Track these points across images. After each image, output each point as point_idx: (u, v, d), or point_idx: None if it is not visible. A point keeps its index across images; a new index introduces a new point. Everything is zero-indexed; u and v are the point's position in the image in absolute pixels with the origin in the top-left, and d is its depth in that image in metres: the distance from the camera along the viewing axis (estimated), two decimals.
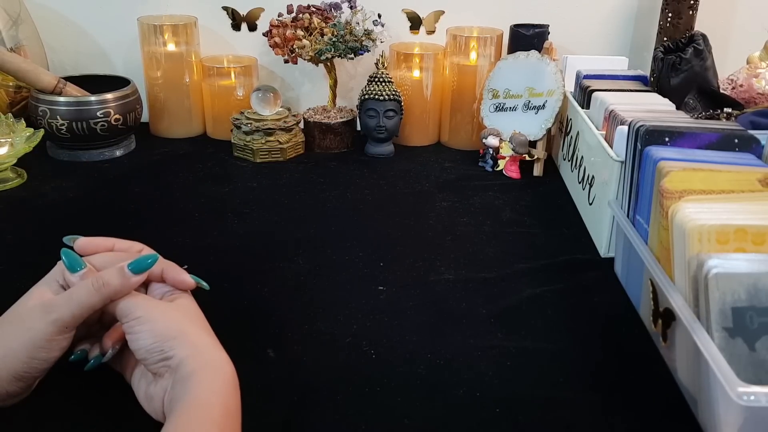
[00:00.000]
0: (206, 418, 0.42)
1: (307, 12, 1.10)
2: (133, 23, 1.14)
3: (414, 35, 1.23)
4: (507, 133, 1.05)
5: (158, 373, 0.46)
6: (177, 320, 0.48)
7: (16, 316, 0.48)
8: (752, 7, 1.21)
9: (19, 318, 0.48)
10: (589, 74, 1.02)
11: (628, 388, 0.57)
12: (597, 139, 0.84)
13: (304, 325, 0.64)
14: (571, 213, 0.92)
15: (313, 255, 0.78)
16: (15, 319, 0.48)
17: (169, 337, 0.46)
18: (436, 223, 0.87)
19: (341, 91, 1.20)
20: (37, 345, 0.46)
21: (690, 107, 0.94)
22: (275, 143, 1.06)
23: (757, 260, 0.50)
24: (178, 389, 0.44)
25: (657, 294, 0.60)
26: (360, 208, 0.91)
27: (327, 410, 0.53)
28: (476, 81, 1.13)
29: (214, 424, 0.42)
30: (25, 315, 0.47)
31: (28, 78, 1.01)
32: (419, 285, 0.72)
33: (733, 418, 0.47)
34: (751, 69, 1.00)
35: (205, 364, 0.45)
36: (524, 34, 1.13)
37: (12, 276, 0.71)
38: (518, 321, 0.66)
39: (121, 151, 1.07)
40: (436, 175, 1.04)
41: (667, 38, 1.09)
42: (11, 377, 0.46)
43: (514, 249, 0.81)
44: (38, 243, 0.78)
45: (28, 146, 0.93)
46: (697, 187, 0.58)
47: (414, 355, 0.60)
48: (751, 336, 0.48)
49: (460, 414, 0.53)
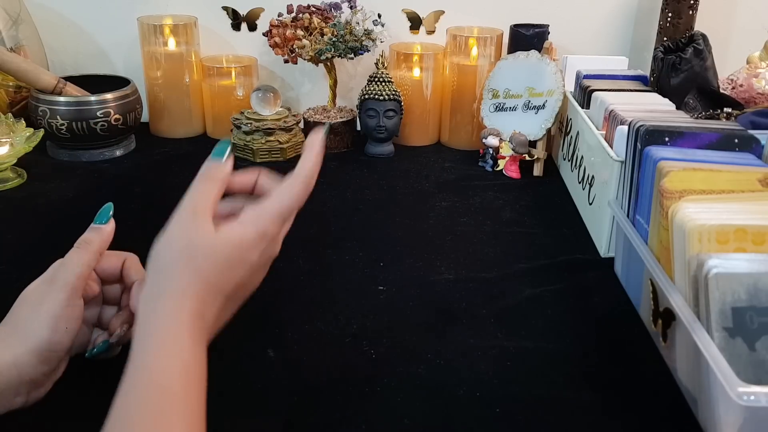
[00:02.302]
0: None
1: (307, 12, 1.10)
2: (133, 23, 1.14)
3: (414, 35, 1.23)
4: (507, 133, 1.05)
5: None
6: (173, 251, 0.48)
7: (28, 297, 0.49)
8: (752, 7, 1.21)
9: (32, 297, 0.49)
10: (589, 74, 1.02)
11: (628, 388, 0.57)
12: (597, 139, 0.84)
13: (304, 325, 0.64)
14: (571, 213, 0.92)
15: (313, 255, 0.78)
16: (27, 300, 0.49)
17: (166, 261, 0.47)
18: (436, 223, 0.87)
19: (341, 91, 1.20)
20: (54, 315, 0.47)
21: (690, 107, 0.94)
22: (275, 143, 1.06)
23: (757, 260, 0.50)
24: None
25: (657, 294, 0.60)
26: (360, 208, 0.91)
27: (327, 410, 0.53)
28: (476, 81, 1.13)
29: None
30: (36, 293, 0.49)
31: (28, 78, 1.00)
32: (419, 285, 0.72)
33: (733, 418, 0.47)
34: (751, 69, 1.00)
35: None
36: (524, 34, 1.13)
37: (12, 276, 0.71)
38: (518, 321, 0.66)
39: (121, 151, 1.07)
40: (436, 175, 1.04)
41: (667, 38, 1.09)
42: (35, 360, 0.46)
43: (514, 249, 0.81)
44: (38, 243, 0.78)
45: (28, 146, 0.93)
46: (697, 187, 0.58)
47: (414, 355, 0.60)
48: (751, 336, 0.48)
49: (460, 414, 0.53)
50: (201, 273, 0.44)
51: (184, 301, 0.43)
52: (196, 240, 0.45)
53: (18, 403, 0.46)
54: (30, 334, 0.47)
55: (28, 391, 0.47)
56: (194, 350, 0.42)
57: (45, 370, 0.47)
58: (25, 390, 0.46)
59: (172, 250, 0.45)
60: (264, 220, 0.47)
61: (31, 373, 0.46)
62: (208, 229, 0.45)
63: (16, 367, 0.46)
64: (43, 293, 0.48)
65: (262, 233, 0.46)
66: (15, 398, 0.46)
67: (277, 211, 0.47)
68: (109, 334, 0.53)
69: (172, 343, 0.42)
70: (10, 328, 0.48)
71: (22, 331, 0.47)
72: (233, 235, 0.46)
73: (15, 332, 0.47)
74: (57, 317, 0.47)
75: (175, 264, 0.44)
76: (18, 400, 0.46)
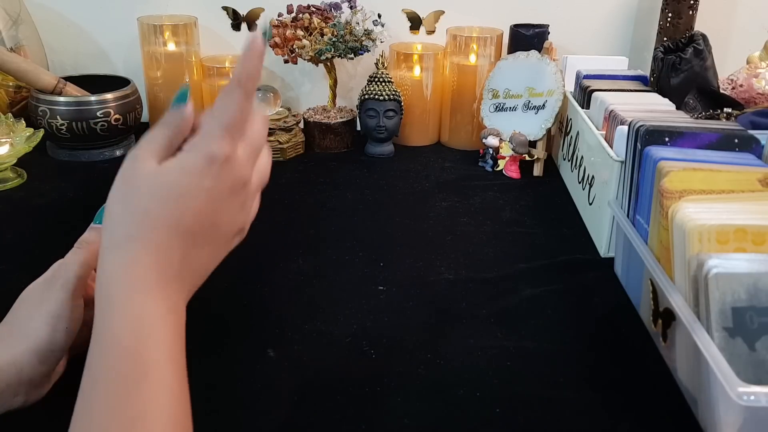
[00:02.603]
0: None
1: (307, 12, 1.10)
2: (133, 23, 1.14)
3: (414, 35, 1.23)
4: (507, 133, 1.05)
5: None
6: None
7: (28, 297, 0.49)
8: (752, 7, 1.21)
9: (32, 297, 0.49)
10: (589, 74, 1.02)
11: (628, 388, 0.57)
12: (597, 139, 0.84)
13: (304, 325, 0.64)
14: (571, 213, 0.92)
15: (313, 255, 0.78)
16: (28, 299, 0.49)
17: None
18: (436, 223, 0.87)
19: (341, 91, 1.20)
20: (54, 315, 0.47)
21: (690, 107, 0.94)
22: (275, 143, 1.06)
23: (757, 260, 0.50)
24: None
25: (657, 294, 0.60)
26: (360, 208, 0.91)
27: (327, 410, 0.53)
28: (476, 81, 1.13)
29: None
30: (36, 293, 0.49)
31: (28, 78, 1.00)
32: (419, 285, 0.72)
33: (733, 418, 0.47)
34: (751, 69, 1.00)
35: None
36: (524, 34, 1.13)
37: (12, 276, 0.71)
38: (518, 321, 0.66)
39: (121, 151, 1.07)
40: (436, 175, 1.04)
41: (667, 38, 1.09)
42: (35, 360, 0.46)
43: (514, 249, 0.81)
44: (38, 243, 0.78)
45: (28, 146, 0.93)
46: (697, 187, 0.58)
47: (414, 355, 0.60)
48: (751, 336, 0.48)
49: (460, 414, 0.53)
50: (145, 213, 0.39)
51: (130, 248, 0.38)
52: (134, 181, 0.40)
53: (17, 403, 0.46)
54: (29, 334, 0.47)
55: (27, 391, 0.47)
56: (157, 304, 0.38)
57: (44, 370, 0.47)
58: (24, 390, 0.46)
59: (114, 202, 0.40)
60: (206, 141, 0.41)
61: (31, 373, 0.46)
62: (148, 166, 0.40)
63: (15, 366, 0.46)
64: (43, 293, 0.49)
65: (206, 154, 0.40)
66: (14, 398, 0.46)
67: (217, 127, 0.41)
68: None
69: (126, 300, 0.38)
70: (10, 328, 0.48)
71: (21, 331, 0.47)
72: (173, 163, 0.40)
73: (14, 332, 0.47)
74: (56, 317, 0.47)
75: (118, 214, 0.40)
76: (17, 399, 0.46)
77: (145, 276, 0.38)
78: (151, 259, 0.39)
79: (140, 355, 0.37)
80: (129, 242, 0.39)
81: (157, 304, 0.38)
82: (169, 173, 0.40)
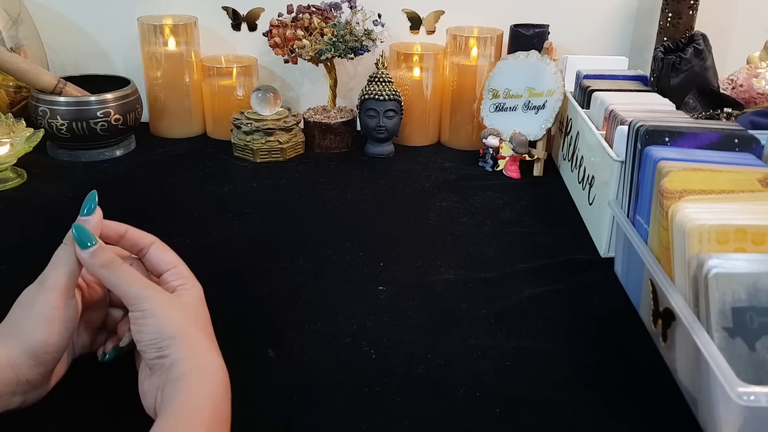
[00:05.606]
0: (195, 421, 0.42)
1: (307, 12, 1.10)
2: (133, 23, 1.14)
3: (414, 35, 1.23)
4: (507, 133, 1.05)
5: (153, 368, 0.46)
6: (179, 319, 0.48)
7: (23, 299, 0.49)
8: (752, 7, 1.21)
9: (25, 299, 0.49)
10: (589, 74, 1.02)
11: (628, 388, 0.57)
12: (597, 139, 0.84)
13: (304, 325, 0.64)
14: (571, 213, 0.92)
15: (313, 255, 0.78)
16: (21, 301, 0.49)
17: (168, 335, 0.46)
18: (436, 223, 0.87)
19: (341, 91, 1.20)
20: (47, 316, 0.47)
21: (690, 107, 0.95)
22: (275, 143, 1.06)
23: (757, 260, 0.50)
24: (168, 390, 0.44)
25: (657, 294, 0.60)
26: (360, 208, 0.91)
27: (327, 410, 0.53)
28: (476, 81, 1.13)
29: (203, 427, 0.41)
30: (29, 295, 0.49)
31: (28, 78, 1.00)
32: (419, 285, 0.72)
33: (733, 418, 0.47)
34: (751, 69, 1.00)
35: (197, 368, 0.45)
36: (524, 34, 1.13)
37: (12, 276, 0.71)
38: (518, 321, 0.66)
39: (121, 151, 1.07)
40: (436, 175, 1.04)
41: (667, 38, 1.09)
42: (31, 361, 0.46)
43: (514, 249, 0.81)
44: (38, 243, 0.78)
45: (28, 146, 0.93)
46: (697, 187, 0.58)
47: (414, 355, 0.60)
48: (751, 336, 0.48)
49: (460, 414, 0.53)
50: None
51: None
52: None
53: (16, 403, 0.46)
54: (24, 336, 0.46)
55: (25, 392, 0.47)
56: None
57: (41, 371, 0.47)
58: (22, 390, 0.46)
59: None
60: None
61: (28, 374, 0.46)
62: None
63: (12, 367, 0.45)
64: (35, 294, 0.48)
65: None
66: (12, 398, 0.46)
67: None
68: (118, 339, 0.53)
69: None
70: (7, 329, 0.47)
71: (17, 333, 0.47)
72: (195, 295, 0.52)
73: (11, 333, 0.47)
74: (49, 318, 0.47)
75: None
76: (15, 399, 0.46)
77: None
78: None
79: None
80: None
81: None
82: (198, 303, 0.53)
